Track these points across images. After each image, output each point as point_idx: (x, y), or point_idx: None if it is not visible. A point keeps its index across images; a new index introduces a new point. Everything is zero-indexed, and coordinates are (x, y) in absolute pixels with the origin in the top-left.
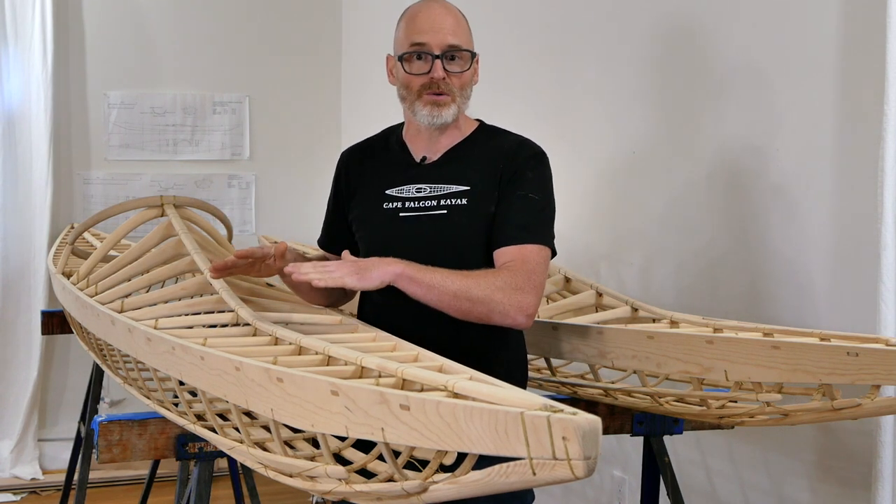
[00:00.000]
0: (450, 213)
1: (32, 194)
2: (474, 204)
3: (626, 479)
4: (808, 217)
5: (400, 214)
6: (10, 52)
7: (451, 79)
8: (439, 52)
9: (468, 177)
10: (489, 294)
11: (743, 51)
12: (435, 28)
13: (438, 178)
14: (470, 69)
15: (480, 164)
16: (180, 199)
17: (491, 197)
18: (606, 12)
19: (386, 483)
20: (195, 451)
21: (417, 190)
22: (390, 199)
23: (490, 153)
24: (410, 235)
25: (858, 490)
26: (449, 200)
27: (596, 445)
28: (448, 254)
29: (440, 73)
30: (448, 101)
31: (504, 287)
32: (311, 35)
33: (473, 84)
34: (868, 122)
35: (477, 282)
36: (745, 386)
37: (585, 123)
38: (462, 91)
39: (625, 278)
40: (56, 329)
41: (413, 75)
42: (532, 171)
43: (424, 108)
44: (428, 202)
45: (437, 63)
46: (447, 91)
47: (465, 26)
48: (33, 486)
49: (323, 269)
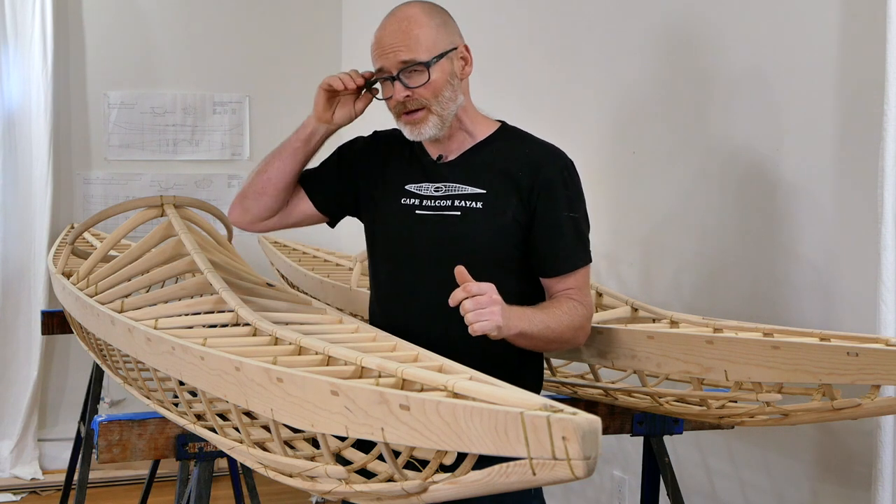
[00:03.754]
0: (463, 215)
1: (32, 194)
2: (489, 209)
3: (626, 479)
4: (808, 217)
5: (416, 212)
6: (10, 52)
7: (417, 93)
8: (396, 71)
9: (485, 179)
10: (562, 333)
11: (743, 51)
12: (386, 49)
13: (456, 176)
14: (432, 77)
15: (499, 170)
16: (180, 199)
17: (506, 205)
18: (610, 11)
19: (386, 483)
20: (195, 451)
21: (436, 189)
22: (409, 195)
23: (511, 159)
24: (423, 235)
25: (858, 490)
26: (464, 202)
27: (596, 445)
28: (458, 257)
29: (399, 96)
30: (423, 116)
31: (573, 326)
32: (311, 35)
33: (460, 79)
34: (868, 121)
35: (558, 321)
36: (745, 386)
37: (586, 123)
38: (436, 98)
39: (625, 278)
40: (56, 329)
41: (385, 100)
42: (567, 187)
43: (405, 127)
44: (444, 201)
45: (397, 85)
46: (417, 106)
47: (430, 27)
48: (33, 486)
49: (479, 314)
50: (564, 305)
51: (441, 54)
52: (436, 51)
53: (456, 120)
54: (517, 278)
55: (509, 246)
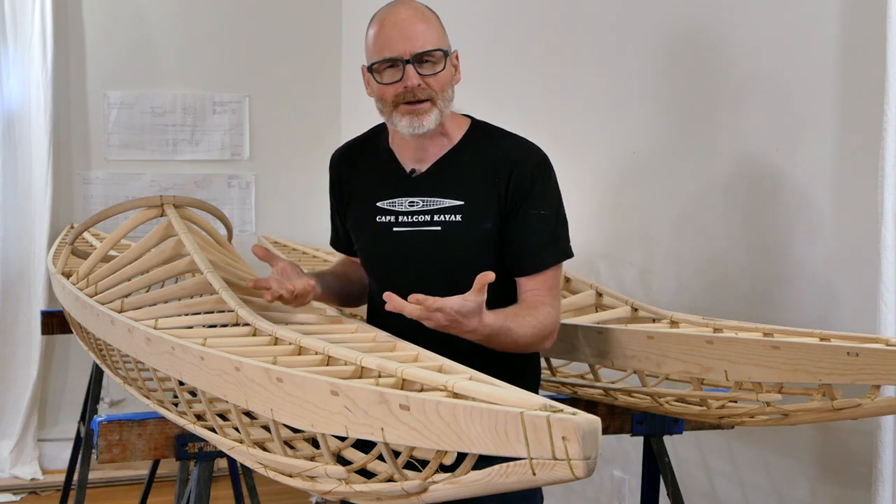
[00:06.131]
0: (444, 230)
1: (32, 194)
2: (469, 220)
3: (626, 479)
4: (808, 217)
5: (393, 229)
6: (10, 52)
7: (427, 82)
8: (409, 57)
9: (462, 189)
10: (525, 339)
11: (742, 51)
12: (403, 36)
13: (430, 190)
14: (446, 69)
15: (475, 175)
16: (180, 199)
17: (488, 212)
18: (614, 13)
19: (386, 483)
20: (195, 451)
21: (410, 203)
22: (383, 213)
23: (485, 163)
24: (404, 252)
25: (858, 490)
26: (442, 216)
27: (596, 445)
28: (442, 272)
29: (414, 81)
30: (428, 108)
31: (541, 335)
32: (311, 35)
33: (455, 83)
34: (868, 121)
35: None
36: (745, 386)
37: (586, 124)
38: (442, 93)
39: (625, 278)
40: (56, 329)
41: (386, 85)
42: (538, 183)
43: (403, 118)
44: (421, 217)
45: (410, 69)
46: (425, 97)
47: (436, 24)
48: (33, 486)
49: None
50: (537, 313)
51: (448, 52)
52: (445, 46)
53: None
54: (501, 282)
55: (491, 253)
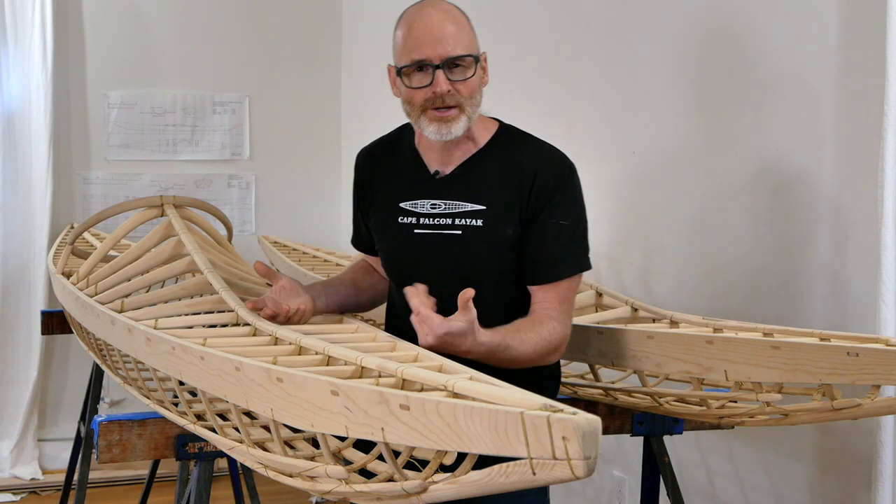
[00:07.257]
0: (464, 234)
1: (32, 194)
2: (490, 226)
3: (626, 479)
4: (808, 217)
5: (415, 231)
6: (10, 52)
7: (456, 88)
8: (440, 62)
9: (484, 194)
10: (525, 356)
11: (742, 52)
12: (433, 39)
13: (453, 193)
14: (476, 74)
15: (498, 182)
16: (180, 199)
17: (509, 219)
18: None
19: (386, 483)
20: (195, 451)
21: (433, 206)
22: (405, 213)
23: (510, 169)
24: (424, 255)
25: (858, 490)
26: (464, 220)
27: (596, 445)
28: (461, 277)
29: (444, 87)
30: (456, 115)
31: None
32: (311, 35)
33: (483, 86)
34: (868, 121)
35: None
36: (745, 386)
37: (587, 124)
38: (471, 99)
39: (625, 278)
40: (56, 329)
41: (415, 89)
42: (560, 192)
43: (431, 124)
44: (442, 220)
45: (440, 74)
46: (454, 103)
47: (467, 27)
48: (33, 486)
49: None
50: (541, 328)
51: (478, 57)
52: (475, 51)
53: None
54: (519, 289)
55: (511, 260)
